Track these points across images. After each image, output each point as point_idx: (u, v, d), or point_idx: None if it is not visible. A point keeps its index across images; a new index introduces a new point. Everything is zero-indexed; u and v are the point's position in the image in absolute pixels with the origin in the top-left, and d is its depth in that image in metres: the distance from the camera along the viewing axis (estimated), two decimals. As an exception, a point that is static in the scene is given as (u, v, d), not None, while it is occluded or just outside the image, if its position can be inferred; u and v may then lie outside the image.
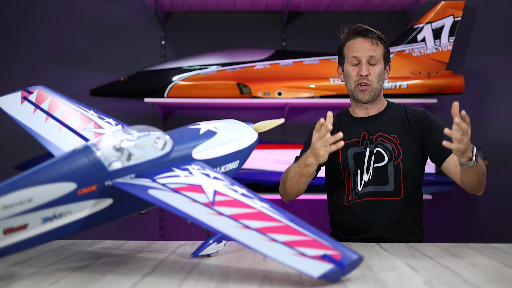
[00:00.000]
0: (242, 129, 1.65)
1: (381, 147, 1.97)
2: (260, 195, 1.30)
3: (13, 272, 1.29)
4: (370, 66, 1.97)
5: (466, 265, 1.38)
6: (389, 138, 1.98)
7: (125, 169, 1.30)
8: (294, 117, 3.45)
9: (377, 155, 1.97)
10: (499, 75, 3.42)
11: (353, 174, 1.99)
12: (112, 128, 1.63)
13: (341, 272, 1.13)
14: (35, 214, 1.18)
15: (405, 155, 1.96)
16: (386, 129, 1.99)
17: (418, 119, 1.99)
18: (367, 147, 1.99)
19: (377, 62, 1.97)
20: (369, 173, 1.97)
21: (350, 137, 2.01)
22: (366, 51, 1.96)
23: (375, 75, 1.97)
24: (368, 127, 2.02)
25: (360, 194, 1.97)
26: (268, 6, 3.38)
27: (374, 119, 2.03)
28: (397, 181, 1.95)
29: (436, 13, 3.13)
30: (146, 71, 3.23)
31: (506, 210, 3.41)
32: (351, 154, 2.00)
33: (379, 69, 1.97)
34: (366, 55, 1.96)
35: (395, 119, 2.01)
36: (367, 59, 1.96)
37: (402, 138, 1.97)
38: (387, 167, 1.96)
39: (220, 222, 1.19)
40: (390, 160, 1.96)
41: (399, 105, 2.07)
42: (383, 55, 1.99)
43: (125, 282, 1.20)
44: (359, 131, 2.02)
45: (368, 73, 1.96)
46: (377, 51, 1.97)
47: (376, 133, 1.99)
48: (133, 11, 3.46)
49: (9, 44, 3.45)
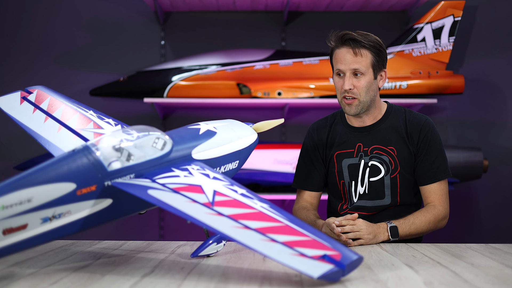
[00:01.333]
0: (242, 129, 1.64)
1: (377, 160, 1.91)
2: (260, 195, 1.30)
3: (12, 272, 1.29)
4: (355, 78, 1.86)
5: (466, 265, 1.38)
6: (386, 150, 1.91)
7: (125, 169, 1.30)
8: (294, 117, 3.45)
9: (372, 168, 1.92)
10: (499, 75, 3.42)
11: (348, 185, 1.95)
12: (112, 128, 1.63)
13: (341, 273, 1.13)
14: (34, 214, 1.18)
15: (402, 168, 1.90)
16: (382, 141, 1.92)
17: (416, 131, 1.91)
18: (362, 159, 1.93)
19: (363, 74, 1.85)
20: (364, 185, 1.92)
21: (344, 147, 1.96)
22: (349, 64, 1.85)
23: (361, 88, 1.86)
24: (363, 138, 1.94)
25: (356, 206, 1.94)
26: (268, 6, 3.37)
27: (369, 129, 1.95)
28: (394, 194, 1.91)
29: (436, 13, 3.13)
30: (145, 71, 3.23)
31: (506, 210, 3.41)
32: (346, 165, 1.95)
33: (365, 81, 1.85)
34: (348, 67, 1.85)
35: (392, 129, 1.93)
36: (350, 72, 1.85)
37: (400, 150, 1.91)
38: (384, 180, 1.91)
39: (219, 222, 1.19)
40: (387, 173, 1.90)
41: (400, 109, 1.97)
42: (371, 64, 1.86)
43: (124, 282, 1.19)
44: (354, 141, 1.95)
45: (351, 86, 1.85)
46: (362, 63, 1.84)
47: (372, 145, 1.93)
48: (133, 11, 3.46)
49: (9, 44, 3.45)
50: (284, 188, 3.14)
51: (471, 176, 3.10)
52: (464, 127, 3.42)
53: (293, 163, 3.07)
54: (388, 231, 1.77)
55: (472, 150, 3.11)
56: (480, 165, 3.07)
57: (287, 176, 3.05)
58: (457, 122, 3.43)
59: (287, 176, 3.05)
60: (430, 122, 1.93)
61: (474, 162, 3.07)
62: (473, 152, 3.09)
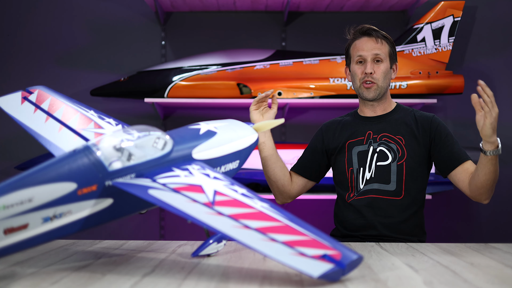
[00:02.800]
0: (242, 129, 1.65)
1: (385, 146, 1.99)
2: (260, 195, 1.30)
3: (13, 272, 1.29)
4: (375, 64, 2.00)
5: (466, 265, 1.38)
6: (394, 138, 2.00)
7: (125, 169, 1.30)
8: (294, 117, 3.46)
9: (380, 153, 1.99)
10: (499, 75, 3.42)
11: (356, 172, 2.01)
12: (112, 128, 1.63)
13: (341, 272, 1.13)
14: (35, 214, 1.18)
15: (409, 156, 1.97)
16: (392, 129, 2.01)
17: (427, 124, 2.00)
18: (371, 146, 2.01)
19: (382, 60, 2.01)
20: (371, 171, 1.98)
21: (355, 136, 2.04)
22: (371, 50, 2.00)
23: (380, 73, 2.00)
24: (374, 126, 2.04)
25: (362, 191, 1.99)
26: (268, 6, 3.38)
27: (380, 119, 2.05)
28: (399, 181, 1.96)
29: (436, 13, 3.13)
30: (146, 71, 3.23)
31: (506, 210, 3.41)
32: (355, 152, 2.02)
33: (384, 67, 2.00)
34: (371, 53, 2.00)
35: (402, 121, 2.03)
36: (372, 58, 2.00)
37: (408, 140, 1.99)
38: (390, 166, 1.97)
39: (220, 222, 1.19)
40: (394, 160, 1.97)
41: (408, 108, 2.09)
42: (388, 53, 2.03)
43: (125, 282, 1.20)
44: (364, 129, 2.04)
45: (373, 71, 1.99)
46: (382, 50, 2.01)
47: (381, 132, 2.02)
48: (133, 11, 3.46)
49: (10, 44, 3.46)
50: (284, 188, 3.13)
51: (471, 176, 3.10)
52: (464, 127, 3.42)
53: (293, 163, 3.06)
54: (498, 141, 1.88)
55: (472, 150, 3.10)
56: (480, 165, 3.07)
57: (287, 176, 3.05)
58: (457, 122, 3.43)
59: (287, 176, 3.05)
60: (438, 118, 2.05)
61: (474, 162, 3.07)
62: (473, 152, 3.09)
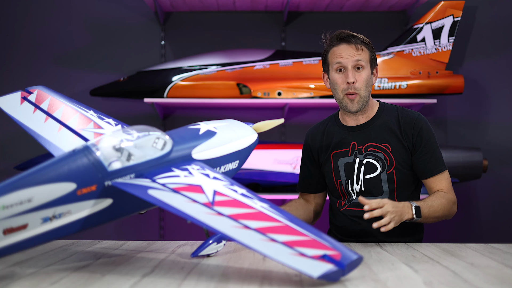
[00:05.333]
0: (242, 129, 1.65)
1: (372, 157, 1.93)
2: (259, 195, 1.30)
3: (13, 272, 1.29)
4: (357, 72, 1.90)
5: (465, 265, 1.38)
6: (380, 147, 1.93)
7: (125, 169, 1.30)
8: (293, 117, 3.46)
9: (367, 165, 1.93)
10: (499, 75, 3.42)
11: (345, 183, 1.96)
12: (112, 128, 1.63)
13: (341, 272, 1.13)
14: (34, 214, 1.18)
15: (398, 163, 1.91)
16: (376, 137, 1.94)
17: (409, 129, 1.92)
18: (357, 157, 1.95)
19: (363, 67, 1.90)
20: (359, 183, 1.93)
21: (340, 147, 1.98)
22: (351, 56, 1.89)
23: (362, 82, 1.89)
24: (357, 136, 1.96)
25: (354, 203, 1.95)
26: (268, 6, 3.38)
27: (363, 127, 1.97)
28: (391, 190, 1.92)
29: (436, 13, 3.13)
30: (145, 71, 3.23)
31: (506, 210, 3.41)
32: (342, 164, 1.97)
33: (366, 74, 1.90)
34: (351, 60, 1.89)
35: (387, 126, 1.95)
36: (352, 65, 1.89)
37: (394, 146, 1.92)
38: (380, 176, 1.92)
39: (219, 222, 1.19)
40: (383, 169, 1.92)
41: (392, 107, 1.99)
42: (369, 59, 1.92)
43: (125, 282, 1.20)
44: (348, 140, 1.97)
45: (354, 79, 1.89)
46: (363, 56, 1.90)
47: (366, 142, 1.95)
48: (133, 11, 3.46)
49: (9, 44, 3.45)
50: (284, 188, 3.14)
51: (470, 176, 3.10)
52: (464, 127, 3.42)
53: (293, 163, 3.07)
54: (412, 210, 1.76)
55: (471, 150, 3.11)
56: (479, 165, 3.07)
57: (287, 176, 3.06)
58: (457, 122, 3.43)
59: (287, 176, 3.05)
60: (422, 118, 1.95)
61: (474, 162, 3.08)
62: (472, 152, 3.10)
